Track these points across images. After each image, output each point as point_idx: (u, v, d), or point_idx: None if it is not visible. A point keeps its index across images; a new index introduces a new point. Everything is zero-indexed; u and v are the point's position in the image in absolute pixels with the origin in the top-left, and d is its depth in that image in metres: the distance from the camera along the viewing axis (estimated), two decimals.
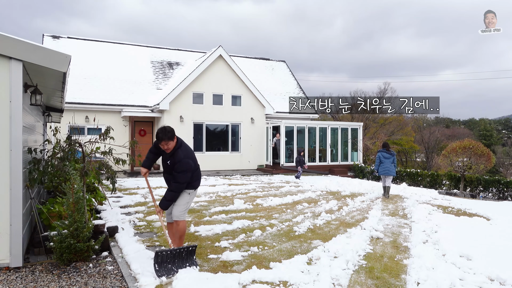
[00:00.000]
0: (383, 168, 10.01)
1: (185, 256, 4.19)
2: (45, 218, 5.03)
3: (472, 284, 3.97)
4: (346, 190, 11.38)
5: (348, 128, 19.24)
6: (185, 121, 16.74)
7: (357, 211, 8.12)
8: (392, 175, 9.99)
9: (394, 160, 10.05)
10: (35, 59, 4.25)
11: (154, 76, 19.27)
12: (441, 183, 15.07)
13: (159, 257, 3.99)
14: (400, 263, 4.64)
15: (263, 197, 9.57)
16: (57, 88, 6.01)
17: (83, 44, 19.53)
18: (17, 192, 4.27)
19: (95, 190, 7.05)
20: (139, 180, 13.37)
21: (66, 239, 4.33)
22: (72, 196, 4.49)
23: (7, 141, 4.23)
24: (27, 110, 5.14)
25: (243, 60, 22.77)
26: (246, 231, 6.02)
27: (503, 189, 13.28)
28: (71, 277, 4.06)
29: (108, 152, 5.58)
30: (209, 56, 17.18)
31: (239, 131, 18.06)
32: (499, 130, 60.77)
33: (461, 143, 14.20)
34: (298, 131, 18.03)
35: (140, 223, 6.53)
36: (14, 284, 3.84)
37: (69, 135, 5.89)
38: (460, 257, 4.84)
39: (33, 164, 5.26)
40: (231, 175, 15.71)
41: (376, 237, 5.84)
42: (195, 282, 3.72)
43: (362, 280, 4.04)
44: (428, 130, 39.06)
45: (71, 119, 13.81)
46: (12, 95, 4.24)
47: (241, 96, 18.02)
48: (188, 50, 22.44)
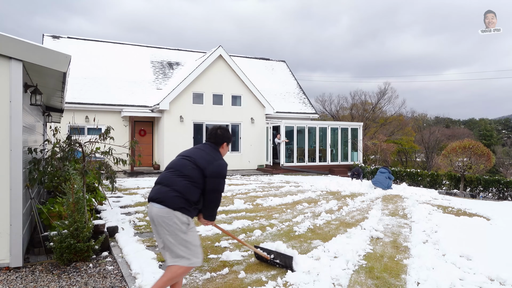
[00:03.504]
0: (375, 179, 12.23)
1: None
2: (45, 218, 5.03)
3: (472, 284, 3.97)
4: (346, 190, 11.38)
5: (348, 128, 19.25)
6: (185, 121, 16.74)
7: (357, 211, 8.12)
8: (380, 187, 11.88)
9: (387, 175, 12.07)
10: (35, 59, 4.25)
11: (154, 76, 19.27)
12: (441, 183, 15.07)
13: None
14: (400, 263, 4.64)
15: (263, 197, 9.57)
16: (57, 88, 6.01)
17: (83, 44, 19.53)
18: (17, 192, 4.27)
19: (95, 190, 7.05)
20: (139, 180, 13.38)
21: (66, 239, 4.33)
22: (72, 196, 4.50)
23: (7, 141, 4.23)
24: (27, 110, 5.14)
25: (243, 60, 22.78)
26: (246, 231, 6.02)
27: (503, 189, 13.28)
28: (71, 277, 4.06)
29: (108, 152, 5.59)
30: (209, 56, 17.18)
31: (239, 131, 18.06)
32: (499, 130, 60.77)
33: (461, 143, 14.19)
34: (298, 131, 18.04)
35: (140, 223, 6.53)
36: (14, 284, 3.84)
37: (69, 135, 5.89)
38: (460, 257, 4.84)
39: (33, 164, 5.26)
40: (231, 175, 15.72)
41: (376, 237, 5.84)
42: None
43: (362, 280, 4.04)
44: (428, 130, 39.06)
45: (71, 119, 13.80)
46: (12, 95, 4.24)
47: (241, 96, 18.02)
48: (188, 50, 22.45)
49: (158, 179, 3.25)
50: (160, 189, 3.13)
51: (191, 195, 3.10)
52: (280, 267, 4.32)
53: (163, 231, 3.05)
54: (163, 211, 3.02)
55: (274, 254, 4.39)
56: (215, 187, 3.18)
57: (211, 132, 3.51)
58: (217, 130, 3.50)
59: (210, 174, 3.15)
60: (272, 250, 4.43)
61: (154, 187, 3.21)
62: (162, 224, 3.03)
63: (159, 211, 3.04)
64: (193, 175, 3.13)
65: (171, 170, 3.22)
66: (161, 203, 3.04)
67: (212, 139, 3.46)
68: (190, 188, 3.10)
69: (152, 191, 3.19)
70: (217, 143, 3.45)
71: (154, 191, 3.16)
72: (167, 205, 3.02)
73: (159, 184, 3.19)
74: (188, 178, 3.11)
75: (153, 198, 3.11)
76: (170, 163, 3.33)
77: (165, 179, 3.17)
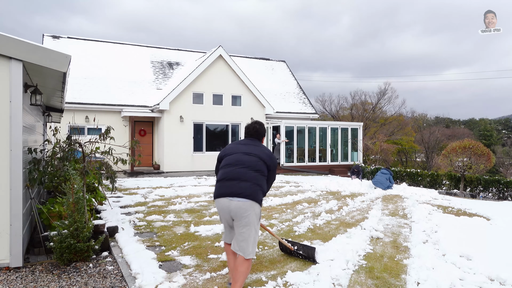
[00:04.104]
0: (375, 179, 12.26)
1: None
2: (45, 218, 5.03)
3: (472, 284, 3.97)
4: (346, 190, 11.38)
5: (348, 128, 19.24)
6: (185, 121, 16.74)
7: (357, 211, 8.12)
8: (380, 187, 11.87)
9: (388, 177, 12.10)
10: (35, 59, 4.25)
11: (154, 76, 19.27)
12: (441, 183, 15.07)
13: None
14: (400, 263, 4.64)
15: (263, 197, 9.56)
16: (57, 88, 6.01)
17: (83, 44, 19.53)
18: (17, 192, 4.27)
19: (95, 190, 7.05)
20: (139, 180, 13.38)
21: (66, 239, 4.33)
22: (72, 196, 4.50)
23: (7, 141, 4.23)
24: (27, 110, 5.14)
25: (243, 60, 22.78)
26: None
27: (503, 189, 13.28)
28: (71, 277, 4.06)
29: (108, 152, 5.59)
30: (209, 56, 17.18)
31: (239, 131, 18.06)
32: (499, 130, 60.75)
33: (461, 143, 14.19)
34: (298, 131, 18.04)
35: (140, 223, 6.53)
36: (14, 284, 3.84)
37: (69, 135, 5.89)
38: (460, 257, 4.84)
39: (33, 164, 5.26)
40: None
41: (376, 237, 5.84)
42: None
43: (362, 280, 4.04)
44: (428, 130, 39.07)
45: (71, 119, 13.82)
46: (12, 95, 4.24)
47: (241, 96, 18.02)
48: (188, 50, 22.45)
49: (230, 174, 3.46)
50: (239, 184, 3.38)
51: (265, 188, 3.57)
52: (303, 259, 4.61)
53: (242, 224, 3.35)
54: (247, 204, 3.33)
55: (297, 246, 4.69)
56: (274, 176, 3.73)
57: (252, 128, 3.81)
58: (257, 126, 3.82)
59: (272, 167, 3.62)
60: (295, 242, 4.77)
61: (227, 182, 3.43)
62: (243, 215, 3.33)
63: (243, 204, 3.32)
64: (263, 170, 3.53)
65: (242, 166, 3.48)
66: (246, 197, 3.33)
67: (255, 134, 3.80)
68: (264, 181, 3.54)
69: (226, 187, 3.40)
70: (260, 137, 3.82)
71: (232, 186, 3.38)
72: (251, 199, 3.34)
73: (233, 180, 3.42)
74: (261, 173, 3.51)
75: (234, 193, 3.35)
76: (234, 159, 3.56)
77: (241, 174, 3.43)
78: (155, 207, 8.03)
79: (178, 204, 8.32)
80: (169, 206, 8.17)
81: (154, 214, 7.16)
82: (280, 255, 4.86)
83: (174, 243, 5.32)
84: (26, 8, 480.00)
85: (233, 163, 3.52)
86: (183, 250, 4.97)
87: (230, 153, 3.65)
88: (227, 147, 3.79)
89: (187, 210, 7.78)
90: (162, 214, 7.28)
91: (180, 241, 5.42)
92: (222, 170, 3.58)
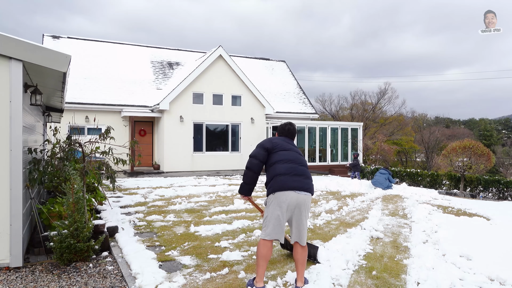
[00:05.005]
0: (374, 180, 12.39)
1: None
2: (45, 218, 5.03)
3: (472, 284, 3.97)
4: (346, 190, 11.38)
5: (348, 128, 19.25)
6: (185, 121, 16.75)
7: (357, 211, 8.12)
8: (380, 187, 12.02)
9: (387, 177, 12.25)
10: (35, 59, 4.25)
11: (154, 76, 19.28)
12: (441, 183, 15.08)
13: None
14: (400, 263, 4.64)
15: (263, 197, 9.57)
16: (57, 88, 6.01)
17: (83, 44, 19.54)
18: (17, 192, 4.27)
19: (95, 190, 7.05)
20: (139, 180, 13.38)
21: (66, 239, 4.33)
22: (72, 196, 4.50)
23: (7, 141, 4.23)
24: (27, 110, 5.14)
25: (243, 60, 22.78)
26: (246, 231, 6.02)
27: (503, 189, 13.28)
28: (71, 277, 4.06)
29: (108, 152, 5.59)
30: (209, 56, 17.18)
31: (239, 131, 18.06)
32: (499, 130, 60.75)
33: (461, 143, 14.20)
34: (298, 131, 18.04)
35: (140, 223, 6.53)
36: (14, 284, 3.84)
37: (69, 135, 5.89)
38: (460, 257, 4.84)
39: (33, 164, 5.26)
40: (231, 175, 15.72)
41: (376, 237, 5.84)
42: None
43: (362, 280, 4.04)
44: (428, 130, 39.08)
45: (71, 119, 13.81)
46: (12, 95, 4.24)
47: (241, 96, 18.02)
48: (188, 50, 22.45)
49: (296, 170, 3.75)
50: (305, 180, 3.75)
51: None
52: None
53: (303, 215, 3.73)
54: (309, 198, 3.77)
55: None
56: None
57: (287, 129, 4.08)
58: (290, 126, 4.10)
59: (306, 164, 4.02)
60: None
61: (295, 177, 3.71)
62: (307, 207, 3.75)
63: (308, 198, 3.75)
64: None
65: (301, 164, 3.81)
66: (310, 191, 3.75)
67: (289, 135, 4.08)
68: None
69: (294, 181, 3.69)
70: (292, 137, 4.10)
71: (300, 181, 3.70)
72: (311, 193, 3.78)
73: (300, 175, 3.74)
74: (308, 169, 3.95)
75: (302, 188, 3.70)
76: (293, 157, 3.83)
77: (305, 172, 3.80)
78: (155, 207, 8.03)
79: (178, 204, 8.32)
80: (169, 206, 8.17)
81: (154, 214, 7.16)
82: (280, 255, 4.86)
83: (174, 243, 5.32)
84: (26, 8, 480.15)
85: (294, 160, 3.81)
86: (183, 250, 4.98)
87: (284, 148, 3.86)
88: (274, 140, 3.94)
89: (187, 210, 7.78)
90: (162, 214, 7.28)
91: (180, 241, 5.42)
92: (285, 165, 3.76)
